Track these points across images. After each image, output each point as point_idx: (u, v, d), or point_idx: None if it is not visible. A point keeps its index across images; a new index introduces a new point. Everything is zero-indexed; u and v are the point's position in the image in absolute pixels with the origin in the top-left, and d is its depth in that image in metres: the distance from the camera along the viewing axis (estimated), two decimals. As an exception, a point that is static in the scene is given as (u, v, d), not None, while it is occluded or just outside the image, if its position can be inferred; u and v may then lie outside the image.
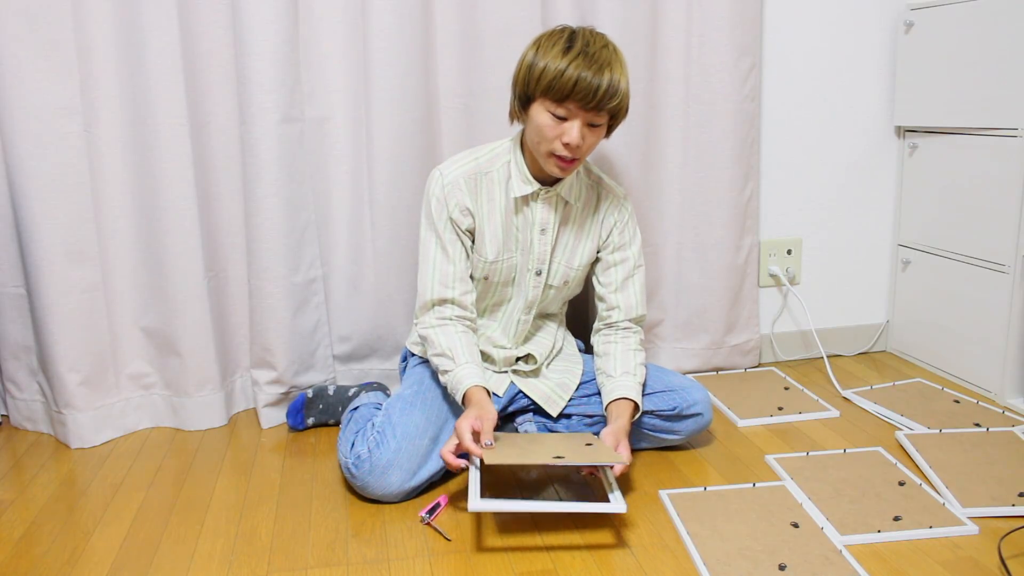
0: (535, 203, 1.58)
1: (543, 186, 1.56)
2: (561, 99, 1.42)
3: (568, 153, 1.45)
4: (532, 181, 1.55)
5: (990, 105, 1.85)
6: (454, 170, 1.56)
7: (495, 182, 1.56)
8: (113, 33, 1.68)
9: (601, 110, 1.43)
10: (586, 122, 1.44)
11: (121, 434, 1.83)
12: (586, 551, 1.33)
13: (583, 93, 1.40)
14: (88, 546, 1.38)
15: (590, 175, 1.66)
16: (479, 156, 1.58)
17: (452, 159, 1.59)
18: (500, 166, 1.57)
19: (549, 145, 1.46)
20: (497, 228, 1.57)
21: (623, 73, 1.44)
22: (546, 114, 1.45)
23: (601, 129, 1.49)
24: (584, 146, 1.46)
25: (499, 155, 1.58)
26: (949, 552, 1.30)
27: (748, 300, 2.10)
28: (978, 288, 1.93)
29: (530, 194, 1.56)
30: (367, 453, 1.47)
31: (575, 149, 1.45)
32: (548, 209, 1.58)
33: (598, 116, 1.45)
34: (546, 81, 1.42)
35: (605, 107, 1.43)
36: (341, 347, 1.96)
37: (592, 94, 1.40)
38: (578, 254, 1.64)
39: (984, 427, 1.72)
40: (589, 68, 1.40)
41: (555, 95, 1.42)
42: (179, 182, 1.74)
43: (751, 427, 1.80)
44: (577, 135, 1.43)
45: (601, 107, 1.43)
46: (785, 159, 2.11)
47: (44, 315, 1.72)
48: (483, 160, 1.58)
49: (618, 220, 1.65)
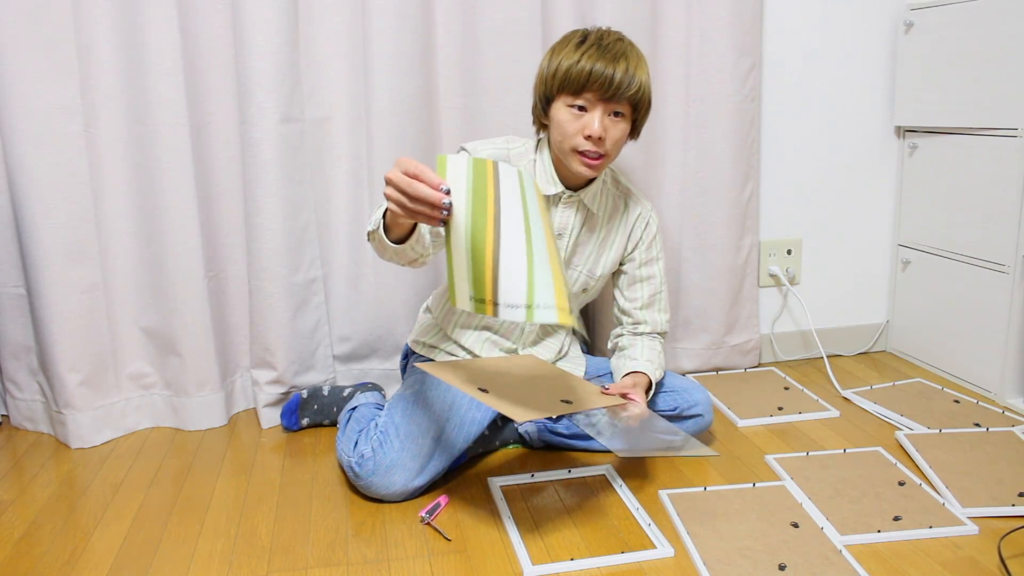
0: (555, 207, 1.57)
1: (568, 190, 1.56)
2: (578, 91, 1.43)
3: (592, 147, 1.45)
4: (557, 183, 1.55)
5: (990, 105, 1.85)
6: (483, 148, 1.55)
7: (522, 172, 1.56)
8: (113, 33, 1.68)
9: (620, 100, 1.43)
10: (607, 112, 1.44)
11: (121, 434, 1.83)
12: (586, 551, 1.33)
13: (599, 82, 1.41)
14: (88, 546, 1.38)
15: (618, 186, 1.65)
16: (511, 146, 1.58)
17: (483, 139, 1.58)
18: (527, 163, 1.57)
19: (572, 141, 1.46)
20: None
21: (640, 64, 1.45)
22: (566, 110, 1.45)
23: (624, 121, 1.48)
24: (608, 139, 1.46)
25: (526, 152, 1.58)
26: (949, 552, 1.30)
27: (748, 300, 2.10)
28: (978, 288, 1.93)
29: (551, 196, 1.56)
30: (371, 453, 1.47)
31: (599, 142, 1.45)
32: (568, 214, 1.58)
33: (619, 105, 1.45)
34: (562, 75, 1.43)
35: (623, 96, 1.43)
36: (341, 347, 1.96)
37: (608, 83, 1.41)
38: (600, 263, 1.64)
39: (984, 427, 1.72)
40: (603, 58, 1.41)
41: (572, 87, 1.43)
42: (179, 182, 1.74)
43: (751, 427, 1.80)
44: (599, 126, 1.43)
45: (619, 96, 1.43)
46: (785, 159, 2.12)
47: (44, 315, 1.72)
48: (514, 152, 1.57)
49: (645, 235, 1.65)
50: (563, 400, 1.34)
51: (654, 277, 1.67)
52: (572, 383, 1.43)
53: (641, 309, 1.67)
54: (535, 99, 1.53)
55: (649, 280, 1.67)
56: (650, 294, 1.67)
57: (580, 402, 1.35)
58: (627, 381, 1.52)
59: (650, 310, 1.68)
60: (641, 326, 1.67)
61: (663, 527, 1.39)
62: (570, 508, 1.46)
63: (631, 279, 1.67)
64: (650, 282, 1.67)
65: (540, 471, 1.59)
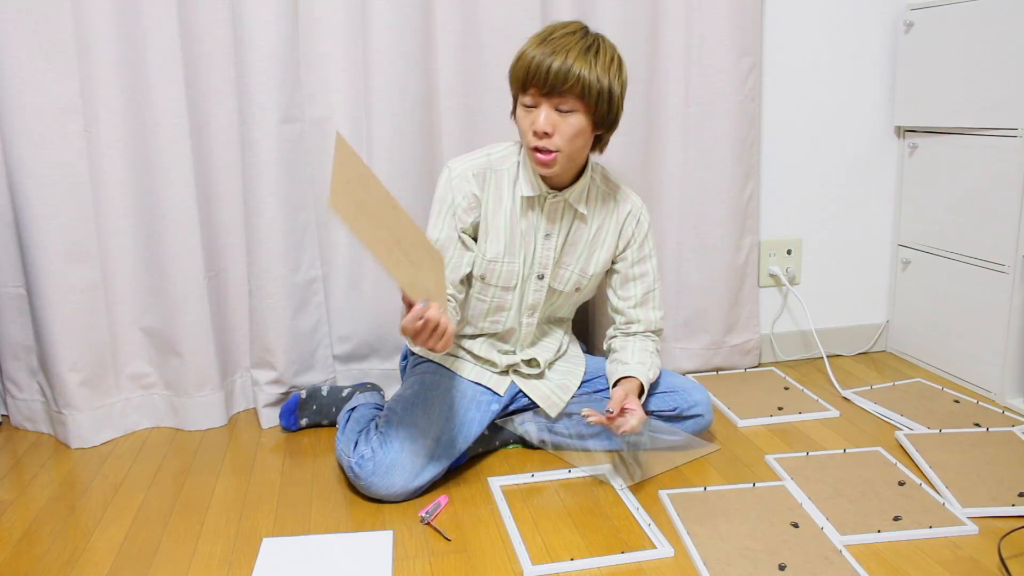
0: (541, 208, 1.57)
1: (553, 190, 1.56)
2: (523, 86, 1.43)
3: (539, 142, 1.44)
4: (538, 185, 1.54)
5: (990, 105, 1.85)
6: (463, 164, 1.56)
7: (504, 181, 1.56)
8: (113, 33, 1.68)
9: (562, 94, 1.40)
10: (552, 107, 1.42)
11: (121, 434, 1.83)
12: (586, 551, 1.33)
13: (535, 75, 1.40)
14: (88, 546, 1.38)
15: (607, 183, 1.65)
16: (491, 153, 1.58)
17: (464, 155, 1.59)
18: (510, 165, 1.56)
19: (526, 139, 1.46)
20: (500, 228, 1.56)
21: (582, 56, 1.39)
22: (521, 108, 1.46)
23: (577, 116, 1.42)
24: (559, 135, 1.43)
25: (510, 154, 1.58)
26: (949, 552, 1.30)
27: (748, 300, 2.10)
28: (978, 288, 1.93)
29: (536, 197, 1.56)
30: (371, 454, 1.47)
31: (545, 137, 1.43)
32: (555, 214, 1.58)
33: (563, 100, 1.41)
34: (512, 72, 1.45)
35: (562, 89, 1.39)
36: (341, 347, 1.96)
37: (544, 76, 1.38)
38: (592, 262, 1.63)
39: (984, 427, 1.72)
40: (545, 51, 1.39)
41: (518, 83, 1.44)
42: (179, 182, 1.74)
43: (751, 427, 1.80)
44: (543, 121, 1.41)
45: (558, 90, 1.39)
46: (785, 159, 2.11)
47: (44, 315, 1.72)
48: (495, 157, 1.57)
49: (636, 233, 1.64)
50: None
51: (647, 275, 1.67)
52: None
53: (635, 307, 1.67)
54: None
55: (642, 278, 1.67)
56: (643, 292, 1.67)
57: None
58: (619, 393, 1.50)
59: (644, 308, 1.67)
60: (634, 325, 1.67)
61: (663, 527, 1.39)
62: (570, 508, 1.46)
63: (624, 278, 1.67)
64: (643, 280, 1.67)
65: (540, 471, 1.59)
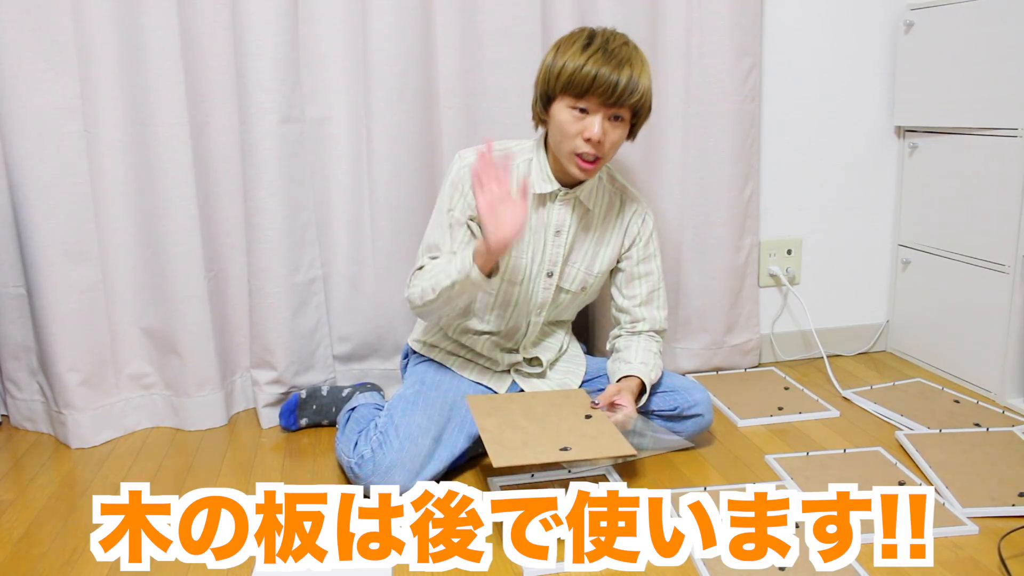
0: (552, 204, 1.58)
1: (563, 187, 1.56)
2: (581, 94, 1.43)
3: (590, 150, 1.46)
4: (553, 181, 1.55)
5: (990, 105, 1.85)
6: (475, 153, 1.56)
7: (515, 176, 1.56)
8: (113, 33, 1.68)
9: (622, 105, 1.44)
10: (608, 116, 1.45)
11: (121, 434, 1.83)
12: (586, 551, 1.32)
13: (603, 88, 1.41)
14: (88, 546, 1.38)
15: (614, 183, 1.66)
16: (506, 147, 1.59)
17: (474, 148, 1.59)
18: (522, 162, 1.57)
19: (571, 143, 1.47)
20: None
21: (643, 70, 1.46)
22: (568, 111, 1.46)
23: (623, 125, 1.49)
24: (607, 143, 1.47)
25: (523, 151, 1.59)
26: (949, 552, 1.30)
27: (748, 300, 2.10)
28: (978, 288, 1.93)
29: (548, 194, 1.56)
30: (370, 453, 1.47)
31: (598, 145, 1.46)
32: (565, 211, 1.58)
33: (620, 110, 1.46)
34: (566, 78, 1.44)
35: (626, 103, 1.44)
36: (341, 347, 1.96)
37: (612, 89, 1.41)
38: (598, 260, 1.64)
39: (984, 427, 1.72)
40: (608, 63, 1.41)
41: (575, 90, 1.43)
42: (179, 182, 1.74)
43: (751, 427, 1.80)
44: (599, 129, 1.44)
45: (621, 102, 1.44)
46: (785, 159, 2.11)
47: (44, 315, 1.72)
48: (513, 147, 1.58)
49: (641, 231, 1.66)
50: (562, 448, 1.39)
51: (652, 274, 1.67)
52: (585, 428, 1.46)
53: (640, 306, 1.67)
54: (536, 95, 1.53)
55: (647, 277, 1.67)
56: (648, 291, 1.67)
57: (578, 450, 1.39)
58: (611, 388, 1.54)
59: (648, 307, 1.67)
60: (639, 324, 1.67)
61: (663, 527, 1.38)
62: (570, 508, 1.46)
63: (629, 276, 1.67)
64: (648, 279, 1.67)
65: (540, 471, 1.59)
